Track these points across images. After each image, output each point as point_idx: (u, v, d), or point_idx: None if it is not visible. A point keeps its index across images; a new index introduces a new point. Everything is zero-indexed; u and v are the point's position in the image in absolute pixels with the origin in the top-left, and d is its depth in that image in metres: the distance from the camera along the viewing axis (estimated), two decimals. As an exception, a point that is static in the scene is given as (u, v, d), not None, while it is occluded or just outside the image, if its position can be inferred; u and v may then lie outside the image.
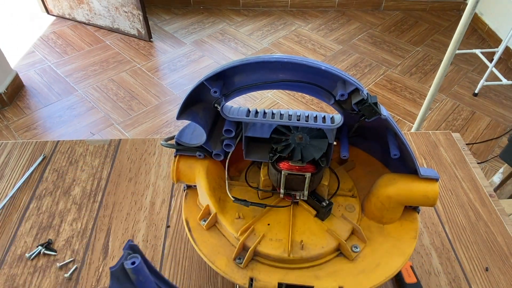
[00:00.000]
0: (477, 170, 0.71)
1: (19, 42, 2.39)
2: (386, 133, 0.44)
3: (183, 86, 2.11)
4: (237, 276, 0.42)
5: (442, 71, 1.40)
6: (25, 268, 0.55)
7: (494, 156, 1.82)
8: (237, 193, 0.48)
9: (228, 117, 0.42)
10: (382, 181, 0.46)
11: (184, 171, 0.48)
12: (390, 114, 0.50)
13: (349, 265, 0.43)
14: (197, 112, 0.43)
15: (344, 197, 0.49)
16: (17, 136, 1.79)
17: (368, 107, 0.38)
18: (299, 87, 0.41)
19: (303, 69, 0.39)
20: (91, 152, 0.72)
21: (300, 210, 0.47)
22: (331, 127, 0.41)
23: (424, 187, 0.43)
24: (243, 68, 0.40)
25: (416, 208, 0.48)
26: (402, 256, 0.44)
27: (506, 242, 0.59)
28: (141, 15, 2.30)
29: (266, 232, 0.44)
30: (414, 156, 0.43)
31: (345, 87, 0.38)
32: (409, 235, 0.46)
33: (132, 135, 1.83)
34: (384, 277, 0.42)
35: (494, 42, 2.52)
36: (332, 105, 0.40)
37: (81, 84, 2.10)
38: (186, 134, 0.48)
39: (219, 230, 0.47)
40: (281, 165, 0.44)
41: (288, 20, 2.73)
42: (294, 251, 0.43)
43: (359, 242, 0.45)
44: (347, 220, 0.46)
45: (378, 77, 2.25)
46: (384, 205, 0.45)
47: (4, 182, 0.66)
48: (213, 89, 0.39)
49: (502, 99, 2.14)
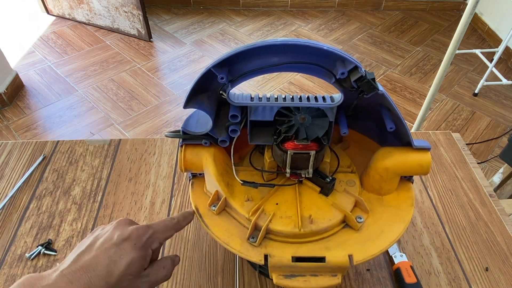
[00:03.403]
0: (477, 170, 0.71)
1: (19, 42, 2.39)
2: (380, 110, 0.47)
3: (183, 86, 2.11)
4: (252, 254, 0.45)
5: (442, 71, 1.40)
6: (25, 268, 0.55)
7: (494, 156, 1.82)
8: (243, 177, 0.50)
9: (234, 103, 0.44)
10: (379, 154, 0.49)
11: (191, 159, 0.50)
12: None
13: (355, 235, 0.46)
14: (203, 100, 0.46)
15: (344, 173, 0.52)
16: (17, 136, 1.79)
17: (367, 83, 0.40)
18: (301, 68, 0.43)
19: (305, 50, 0.41)
20: (91, 152, 0.72)
21: (305, 188, 0.50)
22: (331, 105, 0.44)
23: (418, 157, 0.47)
24: (247, 54, 0.42)
25: (410, 178, 0.52)
26: (402, 222, 0.47)
27: (506, 242, 0.59)
28: (141, 15, 2.30)
29: (275, 211, 0.47)
30: (408, 129, 0.46)
31: (344, 66, 0.41)
32: (406, 203, 0.50)
33: (132, 135, 1.83)
34: (389, 242, 0.45)
35: (494, 42, 2.52)
36: (333, 83, 0.42)
37: (81, 84, 2.10)
38: (191, 123, 0.50)
39: (229, 213, 0.49)
40: (286, 145, 0.47)
41: (288, 20, 2.73)
42: (304, 226, 0.45)
43: (362, 213, 0.48)
44: (350, 194, 0.49)
45: (378, 77, 2.25)
46: (382, 177, 0.49)
47: (4, 182, 0.66)
48: (220, 75, 0.41)
49: (502, 99, 2.14)
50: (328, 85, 1.92)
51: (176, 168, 0.69)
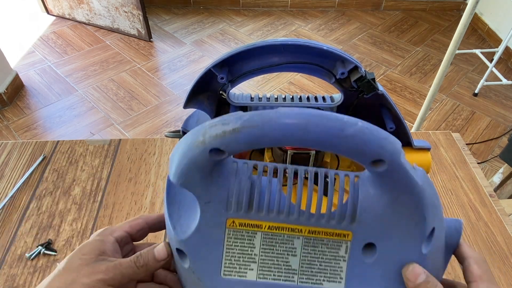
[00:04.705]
0: (477, 170, 0.71)
1: (19, 42, 2.39)
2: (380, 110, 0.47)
3: (183, 86, 2.11)
4: None
5: (442, 71, 1.40)
6: (25, 268, 0.55)
7: (494, 156, 1.82)
8: None
9: (234, 103, 0.44)
10: None
11: None
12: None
13: None
14: (203, 100, 0.46)
15: None
16: (17, 136, 1.79)
17: (367, 83, 0.40)
18: (301, 68, 0.43)
19: (305, 50, 0.41)
20: (91, 152, 0.72)
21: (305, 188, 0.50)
22: (331, 105, 0.44)
23: (418, 157, 0.47)
24: (247, 54, 0.42)
25: None
26: None
27: (506, 242, 0.59)
28: (141, 15, 2.30)
29: None
30: (408, 129, 0.46)
31: (344, 66, 0.41)
32: None
33: (132, 135, 1.83)
34: None
35: (494, 42, 2.52)
36: (333, 83, 0.42)
37: (81, 84, 2.10)
38: (191, 123, 0.50)
39: None
40: None
41: (288, 20, 2.73)
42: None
43: None
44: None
45: (378, 77, 2.25)
46: None
47: (4, 182, 0.66)
48: (220, 75, 0.41)
49: (502, 99, 2.14)
50: (328, 85, 1.93)
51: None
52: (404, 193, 0.30)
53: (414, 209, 0.31)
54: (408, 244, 0.32)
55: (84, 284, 0.31)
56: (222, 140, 0.28)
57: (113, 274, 0.32)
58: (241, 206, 0.32)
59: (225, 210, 0.32)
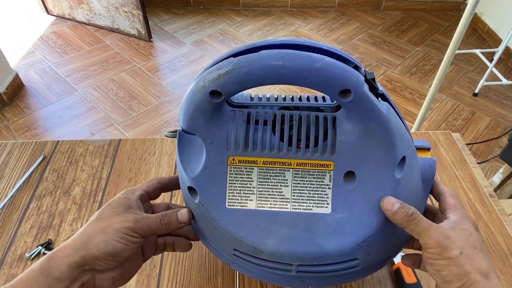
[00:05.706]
0: (477, 170, 0.71)
1: (19, 42, 2.39)
2: None
3: (183, 86, 2.11)
4: None
5: (442, 71, 1.40)
6: (25, 268, 0.55)
7: (494, 156, 1.82)
8: None
9: (234, 103, 0.44)
10: None
11: None
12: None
13: None
14: None
15: None
16: (17, 136, 1.79)
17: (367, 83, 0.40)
18: None
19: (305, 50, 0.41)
20: (91, 152, 0.72)
21: None
22: (331, 105, 0.44)
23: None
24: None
25: None
26: None
27: (506, 242, 0.59)
28: (141, 15, 2.30)
29: None
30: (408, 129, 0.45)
31: None
32: None
33: (132, 135, 1.83)
34: None
35: (494, 42, 2.52)
36: None
37: (81, 84, 2.10)
38: None
39: None
40: None
41: (288, 20, 2.73)
42: None
43: None
44: None
45: (378, 77, 2.25)
46: None
47: (4, 182, 0.66)
48: None
49: (502, 99, 2.14)
50: (328, 85, 1.92)
51: (176, 168, 0.69)
52: (371, 120, 0.36)
53: (382, 136, 0.36)
54: (382, 170, 0.37)
55: (115, 229, 0.37)
56: (218, 82, 0.34)
57: (140, 224, 0.38)
58: (239, 145, 0.39)
59: (226, 149, 0.39)
